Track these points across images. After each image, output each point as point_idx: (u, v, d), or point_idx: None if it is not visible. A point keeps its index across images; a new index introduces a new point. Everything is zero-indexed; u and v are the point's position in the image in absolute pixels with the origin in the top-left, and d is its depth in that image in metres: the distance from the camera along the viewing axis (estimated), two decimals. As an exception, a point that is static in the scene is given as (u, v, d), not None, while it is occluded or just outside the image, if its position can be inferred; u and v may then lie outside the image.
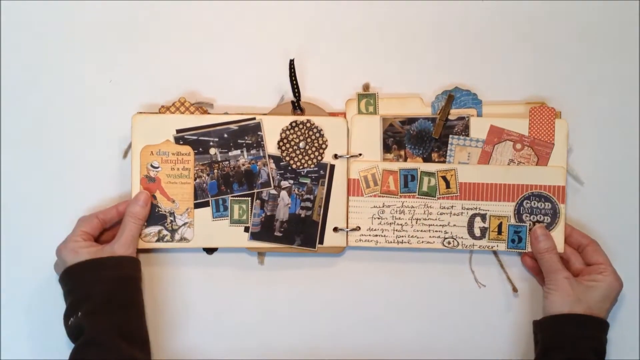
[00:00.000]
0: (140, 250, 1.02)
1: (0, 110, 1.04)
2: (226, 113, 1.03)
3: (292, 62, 1.01)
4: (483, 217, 1.02)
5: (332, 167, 1.02)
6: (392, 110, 1.03)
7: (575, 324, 0.96)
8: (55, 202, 1.03)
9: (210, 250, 1.04)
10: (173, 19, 1.05)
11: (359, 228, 1.02)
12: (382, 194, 1.02)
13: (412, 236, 1.02)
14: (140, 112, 1.01)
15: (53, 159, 1.04)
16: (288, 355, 1.03)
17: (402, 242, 1.02)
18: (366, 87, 1.04)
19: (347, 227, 1.02)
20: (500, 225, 1.02)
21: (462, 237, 1.02)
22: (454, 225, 1.02)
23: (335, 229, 1.02)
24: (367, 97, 1.03)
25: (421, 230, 1.02)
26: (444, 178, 1.02)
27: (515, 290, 1.03)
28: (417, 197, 1.02)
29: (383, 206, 1.02)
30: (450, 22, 1.05)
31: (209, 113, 1.03)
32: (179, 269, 1.03)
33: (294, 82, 1.02)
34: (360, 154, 1.02)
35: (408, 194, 1.02)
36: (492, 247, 1.02)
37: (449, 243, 1.02)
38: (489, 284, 1.04)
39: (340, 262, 1.04)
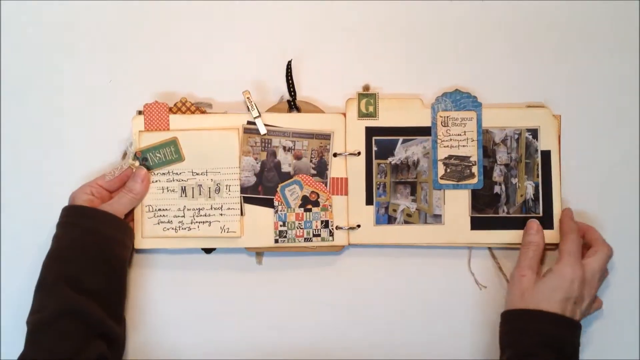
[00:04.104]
0: (139, 251, 1.02)
1: (0, 111, 1.04)
2: (226, 112, 1.03)
3: (289, 63, 1.03)
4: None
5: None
6: (392, 111, 1.03)
7: (517, 319, 0.95)
8: (56, 202, 1.02)
9: (208, 250, 1.04)
10: (172, 19, 1.05)
11: (359, 226, 1.02)
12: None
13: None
14: (140, 112, 1.01)
15: (53, 159, 1.04)
16: (288, 355, 1.03)
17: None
18: (366, 88, 1.04)
19: (347, 225, 1.02)
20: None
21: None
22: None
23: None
24: (367, 97, 1.03)
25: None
26: (444, 178, 1.03)
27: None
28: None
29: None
30: (451, 23, 1.05)
31: (207, 113, 1.03)
32: (177, 270, 1.03)
33: (290, 82, 1.03)
34: (359, 152, 1.02)
35: (408, 193, 1.03)
36: None
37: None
38: (488, 284, 1.04)
39: (339, 260, 1.04)
